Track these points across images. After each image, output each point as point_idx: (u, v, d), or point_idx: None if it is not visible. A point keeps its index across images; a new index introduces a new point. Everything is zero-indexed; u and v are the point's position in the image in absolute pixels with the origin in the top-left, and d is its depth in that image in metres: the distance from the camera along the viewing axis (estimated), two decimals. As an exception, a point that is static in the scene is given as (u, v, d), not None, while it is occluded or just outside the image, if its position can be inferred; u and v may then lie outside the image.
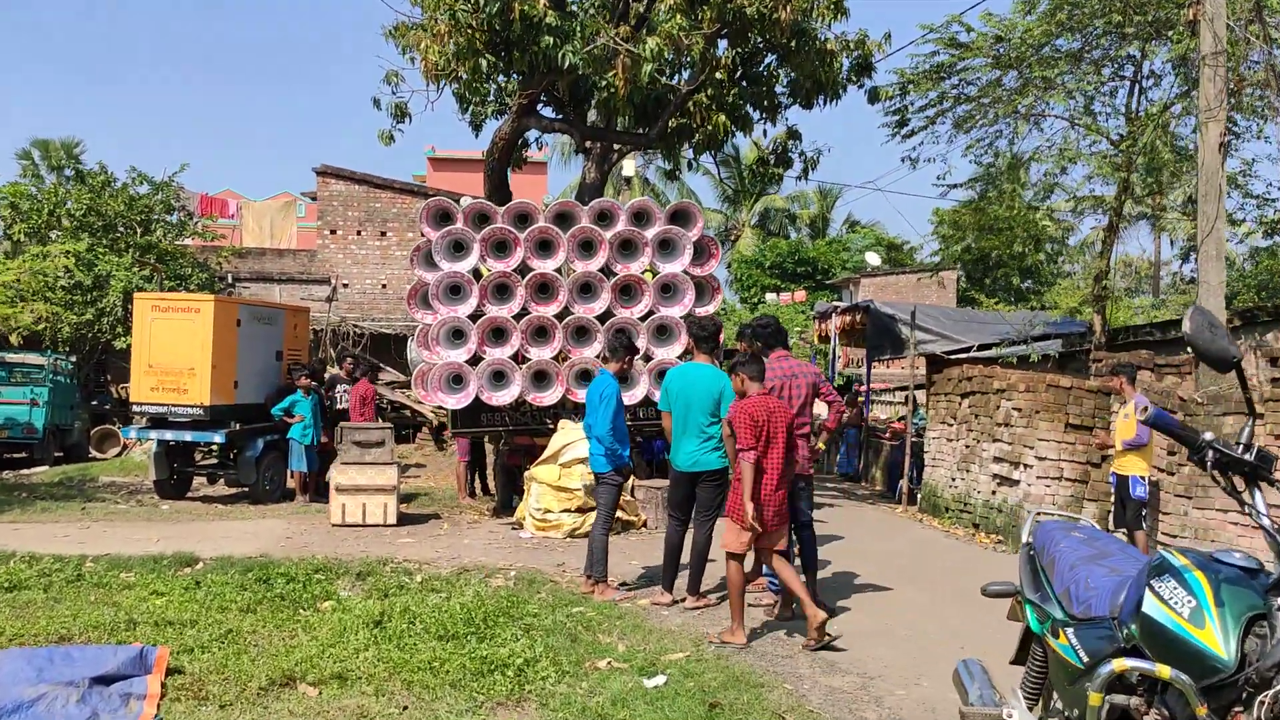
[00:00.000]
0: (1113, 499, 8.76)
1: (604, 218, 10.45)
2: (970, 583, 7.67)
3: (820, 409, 7.13)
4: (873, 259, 34.80)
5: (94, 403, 18.05)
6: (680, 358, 10.22)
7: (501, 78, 12.42)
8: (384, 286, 21.87)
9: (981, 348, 16.38)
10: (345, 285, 21.93)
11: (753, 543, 5.81)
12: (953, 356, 15.68)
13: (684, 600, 6.63)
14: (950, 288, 30.94)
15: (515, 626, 6.07)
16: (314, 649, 5.60)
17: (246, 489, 11.69)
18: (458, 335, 10.09)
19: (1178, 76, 12.66)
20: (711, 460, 6.47)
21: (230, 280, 21.21)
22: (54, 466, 15.76)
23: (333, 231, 21.85)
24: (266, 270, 21.95)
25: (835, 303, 20.33)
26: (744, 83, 12.84)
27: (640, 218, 10.52)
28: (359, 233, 21.98)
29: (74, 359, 17.76)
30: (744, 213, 38.39)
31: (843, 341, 20.17)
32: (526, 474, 10.00)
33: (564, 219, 10.39)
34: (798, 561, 6.47)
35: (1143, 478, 8.29)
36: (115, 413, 17.99)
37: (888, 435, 16.35)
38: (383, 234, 21.93)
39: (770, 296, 31.74)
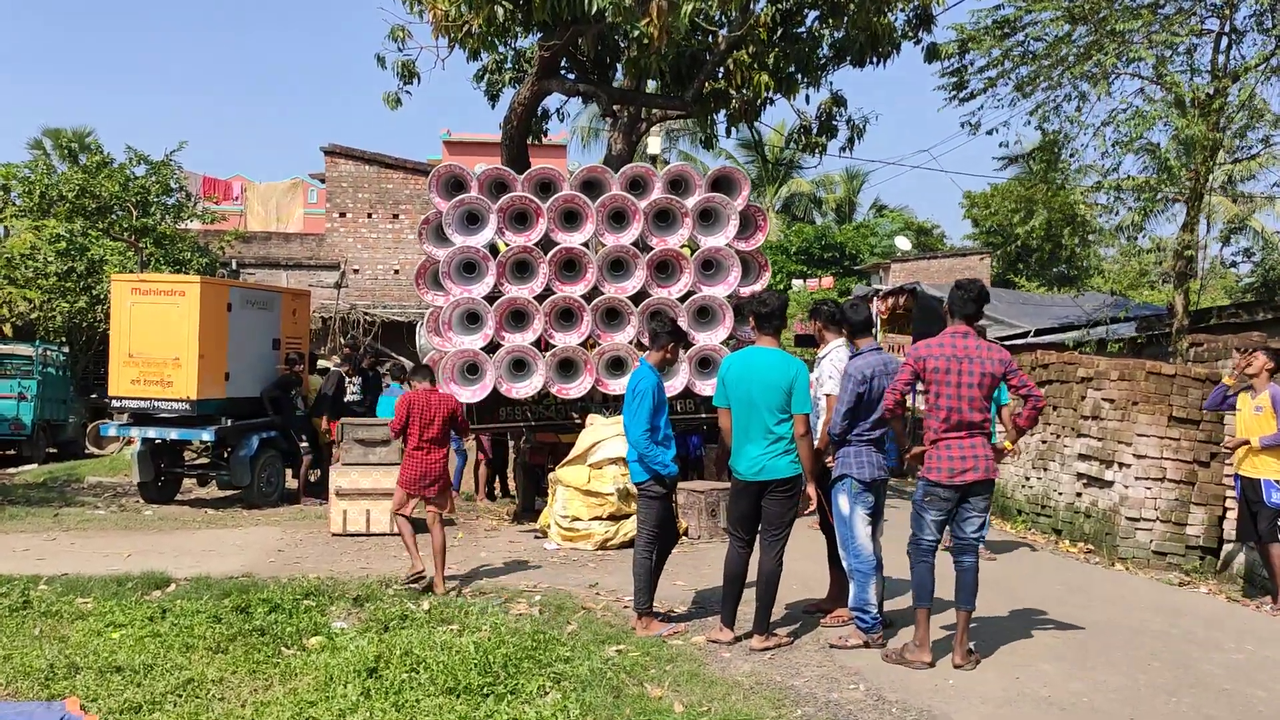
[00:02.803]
0: (1237, 507, 7.46)
1: (637, 185, 9.22)
2: (1107, 611, 6.23)
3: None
4: (903, 243, 33.51)
5: (92, 396, 16.98)
6: (726, 343, 9.01)
7: (520, 34, 11.18)
8: (396, 272, 20.75)
9: (1039, 333, 15.14)
10: (356, 271, 20.85)
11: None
12: (1010, 342, 14.41)
13: (749, 638, 5.42)
14: (985, 274, 29.58)
15: (543, 675, 4.89)
16: (289, 710, 4.45)
17: (240, 492, 10.56)
18: (473, 319, 8.91)
19: (1270, 31, 11.30)
20: (781, 466, 5.25)
21: (234, 266, 20.16)
22: (45, 464, 14.77)
23: (342, 214, 20.76)
24: (273, 255, 20.89)
25: (877, 287, 19.02)
26: (784, 42, 11.56)
27: (678, 185, 9.29)
28: (370, 215, 20.88)
29: (67, 349, 16.74)
30: (768, 198, 37.08)
31: (884, 328, 18.91)
32: (551, 476, 8.81)
33: (592, 187, 9.18)
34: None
35: (1278, 481, 7.00)
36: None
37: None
38: (395, 216, 20.80)
39: (797, 283, 30.56)
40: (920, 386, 5.28)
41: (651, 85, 12.71)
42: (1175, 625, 6.15)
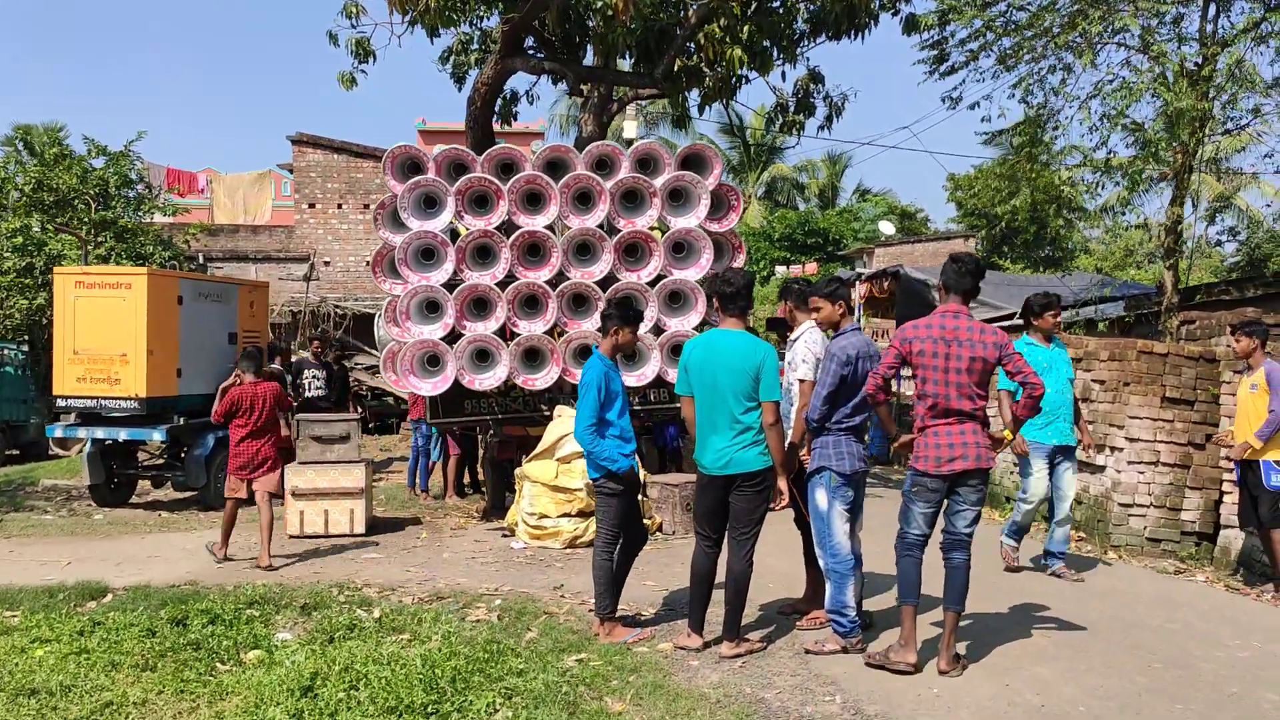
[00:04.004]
0: (1237, 491, 7.10)
1: (603, 165, 8.79)
2: (1102, 605, 5.68)
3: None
4: (886, 228, 33.23)
5: (55, 396, 16.39)
6: (699, 328, 8.60)
7: (481, 11, 10.71)
8: (368, 263, 20.21)
9: (1026, 315, 14.78)
10: (326, 263, 20.32)
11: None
12: (996, 324, 14.06)
13: (719, 644, 5.03)
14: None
15: (493, 691, 4.49)
16: (209, 738, 4.04)
17: (196, 493, 10.10)
18: (432, 308, 8.47)
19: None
20: (749, 458, 4.84)
21: (201, 260, 19.61)
22: (3, 467, 14.23)
23: (311, 205, 20.21)
24: (241, 249, 20.34)
25: (859, 270, 18.64)
26: (758, 15, 11.12)
27: (646, 164, 8.86)
28: (340, 206, 20.35)
29: (27, 348, 16.19)
30: (750, 183, 36.65)
31: (868, 312, 18.53)
32: (518, 472, 8.40)
33: (556, 167, 8.74)
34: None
35: (1278, 463, 6.65)
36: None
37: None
38: (366, 207, 20.24)
39: (780, 269, 30.22)
40: (907, 371, 4.90)
41: (625, 66, 12.26)
42: (1174, 619, 5.79)
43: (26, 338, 16.47)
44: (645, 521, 7.92)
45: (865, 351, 5.06)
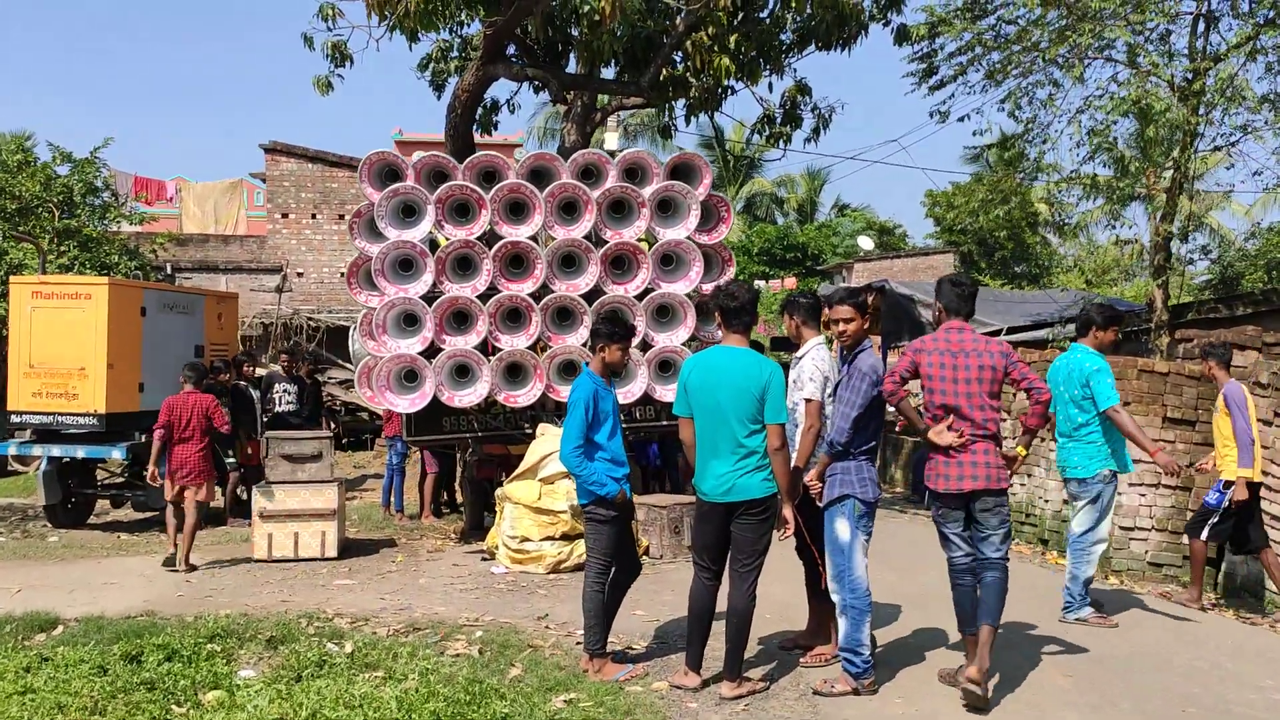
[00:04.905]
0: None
1: (590, 174, 8.48)
2: (1117, 639, 5.28)
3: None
4: (865, 243, 33.22)
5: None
6: (688, 344, 8.29)
7: (462, 15, 10.38)
8: (342, 275, 19.77)
9: (1010, 330, 14.64)
10: (300, 274, 19.85)
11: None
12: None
13: (718, 683, 4.69)
14: (945, 273, 29.32)
15: (476, 738, 4.12)
16: (159, 797, 3.64)
17: (158, 513, 9.62)
18: (410, 321, 8.10)
19: (1249, 16, 10.88)
20: (753, 485, 4.52)
21: (169, 270, 19.07)
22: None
23: (284, 215, 19.76)
24: (211, 259, 19.82)
25: (842, 285, 18.44)
26: (746, 24, 10.89)
27: (634, 174, 8.56)
28: (314, 216, 19.91)
29: (-11, 361, 15.61)
30: (730, 197, 36.55)
31: (850, 328, 18.34)
32: (499, 493, 8.03)
33: (540, 176, 8.41)
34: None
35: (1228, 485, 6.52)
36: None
37: (898, 429, 14.61)
38: (341, 217, 19.80)
39: (760, 284, 30.08)
40: (911, 386, 4.75)
41: (609, 75, 12.00)
42: (1201, 656, 5.47)
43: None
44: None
45: (882, 372, 4.81)
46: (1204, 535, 6.69)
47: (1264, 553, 6.63)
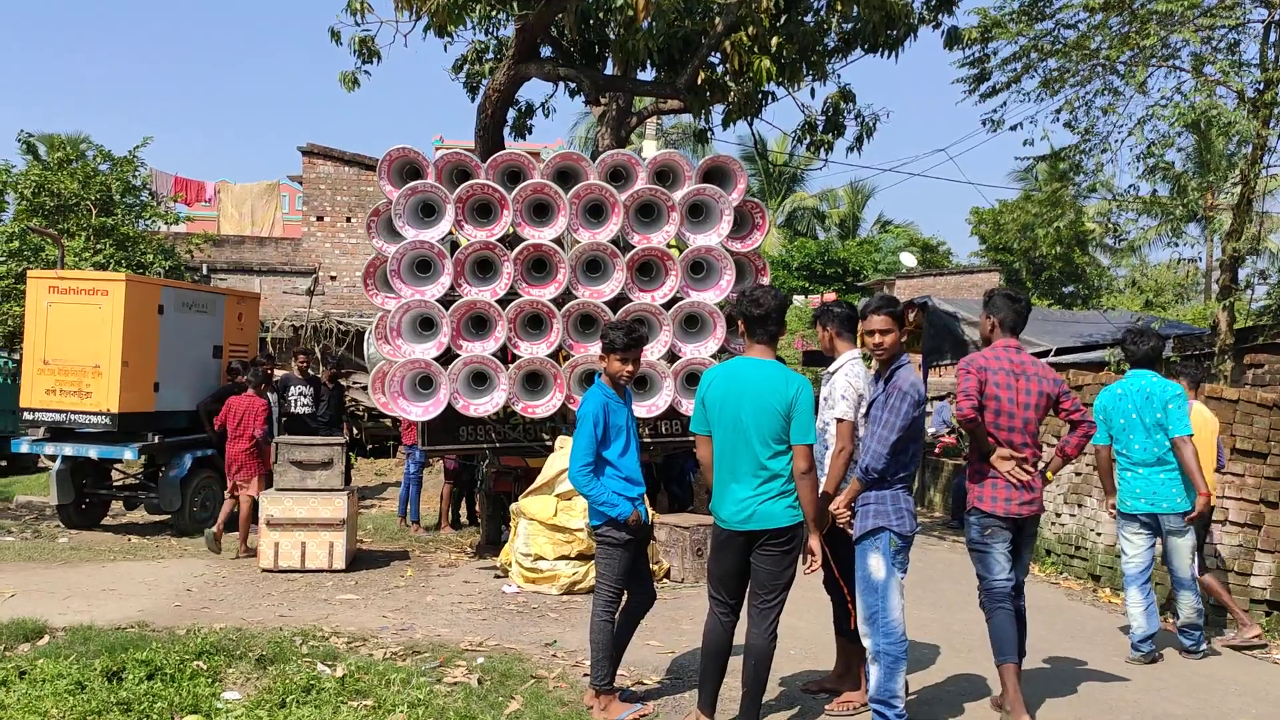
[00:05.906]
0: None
1: (618, 176, 8.10)
2: (1187, 697, 4.79)
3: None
4: (908, 260, 32.49)
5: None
6: (717, 355, 7.86)
7: (494, 11, 10.10)
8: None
9: (1059, 351, 13.99)
10: (333, 278, 19.74)
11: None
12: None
13: (732, 730, 4.25)
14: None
15: (461, 785, 3.72)
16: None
17: (170, 517, 9.39)
18: (426, 325, 7.78)
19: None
20: (776, 513, 4.08)
21: (205, 271, 19.07)
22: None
23: (319, 218, 19.66)
24: (245, 260, 19.78)
25: (879, 294, 17.88)
26: (789, 27, 10.46)
27: (665, 176, 8.17)
28: (349, 220, 19.80)
29: (18, 357, 15.60)
30: (771, 211, 36.06)
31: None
32: (513, 508, 7.65)
33: (566, 177, 8.06)
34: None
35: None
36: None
37: (937, 451, 14.06)
38: (375, 221, 19.68)
39: (799, 299, 29.55)
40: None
41: (645, 78, 11.64)
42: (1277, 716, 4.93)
43: (21, 346, 15.93)
44: (653, 566, 7.18)
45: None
46: (1197, 569, 6.27)
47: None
